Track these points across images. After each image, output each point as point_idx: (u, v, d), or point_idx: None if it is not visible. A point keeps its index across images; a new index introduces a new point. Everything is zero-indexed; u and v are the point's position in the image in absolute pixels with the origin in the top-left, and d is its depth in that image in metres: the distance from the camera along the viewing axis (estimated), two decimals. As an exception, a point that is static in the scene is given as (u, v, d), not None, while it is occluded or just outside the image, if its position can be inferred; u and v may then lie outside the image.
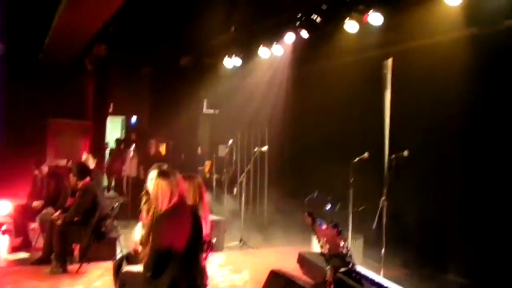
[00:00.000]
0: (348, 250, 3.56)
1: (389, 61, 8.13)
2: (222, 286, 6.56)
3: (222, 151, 12.27)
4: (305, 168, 9.35)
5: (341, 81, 8.38)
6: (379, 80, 8.09)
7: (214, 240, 4.97)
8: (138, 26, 8.80)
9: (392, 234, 6.59)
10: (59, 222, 6.87)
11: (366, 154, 6.78)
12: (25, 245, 7.85)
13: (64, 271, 6.71)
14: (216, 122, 12.43)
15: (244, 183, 9.09)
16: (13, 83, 9.87)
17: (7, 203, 8.75)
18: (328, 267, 3.69)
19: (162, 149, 11.52)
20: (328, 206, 5.57)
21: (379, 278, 3.94)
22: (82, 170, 7.13)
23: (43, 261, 6.94)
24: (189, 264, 4.03)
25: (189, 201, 4.59)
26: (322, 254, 3.88)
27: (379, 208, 6.42)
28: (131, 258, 4.82)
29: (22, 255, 7.57)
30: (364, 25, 7.07)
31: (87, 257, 6.88)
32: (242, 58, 9.68)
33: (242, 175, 8.96)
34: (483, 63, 6.40)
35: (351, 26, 7.08)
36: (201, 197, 4.81)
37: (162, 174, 4.20)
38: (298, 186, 8.71)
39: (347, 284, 3.56)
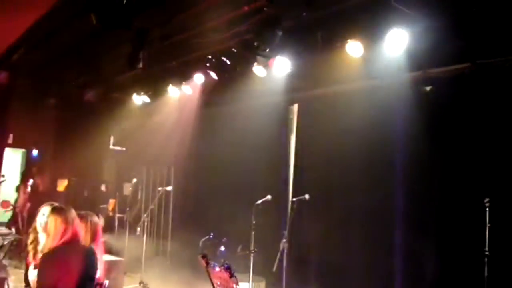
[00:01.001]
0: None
1: (295, 107, 8.43)
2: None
3: (127, 189, 11.97)
4: (209, 209, 9.27)
5: (248, 124, 8.50)
6: (285, 124, 8.35)
7: (106, 283, 4.73)
8: (43, 55, 8.45)
9: (294, 276, 6.67)
10: None
11: (269, 197, 6.84)
12: None
13: None
14: (122, 159, 12.11)
15: (147, 222, 8.85)
16: None
17: None
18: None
19: (62, 185, 11.01)
20: (222, 248, 5.52)
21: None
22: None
23: None
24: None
25: (83, 240, 4.38)
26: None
27: (280, 251, 6.48)
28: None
29: None
30: (272, 70, 7.25)
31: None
32: (151, 96, 9.58)
33: (145, 214, 8.72)
34: (382, 111, 6.78)
35: (259, 70, 7.24)
36: (95, 237, 4.59)
37: (56, 210, 4.01)
38: (202, 227, 8.59)
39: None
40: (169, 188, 8.95)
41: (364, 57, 6.33)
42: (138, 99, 9.82)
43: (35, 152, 12.14)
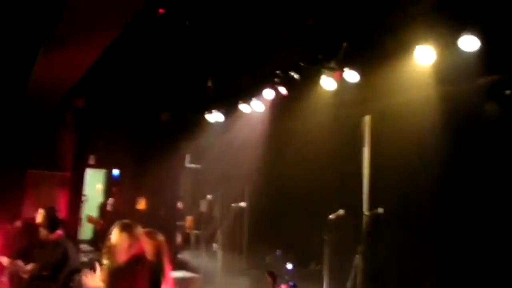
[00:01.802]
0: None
1: (367, 118, 8.23)
2: None
3: (203, 206, 12.18)
4: (282, 224, 9.23)
5: (319, 138, 8.41)
6: (357, 137, 8.17)
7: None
8: (118, 81, 8.86)
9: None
10: (26, 276, 6.67)
11: (341, 211, 6.73)
12: (-8, 300, 7.58)
13: (30, 328, 6.47)
14: (198, 176, 12.35)
15: (221, 239, 8.97)
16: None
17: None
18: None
19: (141, 203, 11.36)
20: (289, 266, 5.43)
21: None
22: (54, 223, 6.98)
23: (7, 317, 6.72)
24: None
25: (149, 257, 4.50)
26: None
27: (353, 267, 6.34)
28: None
29: (-12, 311, 7.30)
30: (341, 82, 7.15)
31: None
32: (224, 113, 9.73)
33: (218, 231, 8.82)
34: (457, 120, 6.49)
35: (327, 83, 7.16)
36: (161, 255, 4.69)
37: (123, 227, 4.16)
38: (276, 242, 8.57)
39: None
40: (243, 204, 9.01)
41: (435, 63, 6.10)
42: (211, 117, 9.99)
43: (115, 172, 12.65)
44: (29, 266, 6.89)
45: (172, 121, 10.51)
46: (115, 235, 4.20)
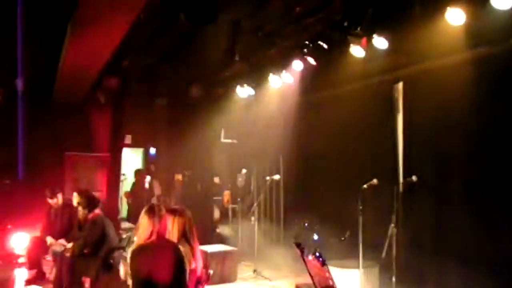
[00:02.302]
0: (333, 282, 3.43)
1: (400, 85, 8.04)
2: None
3: (240, 180, 12.25)
4: (317, 195, 9.20)
5: (351, 107, 8.28)
6: (390, 105, 8.00)
7: (211, 272, 4.87)
8: (149, 58, 8.91)
9: (405, 261, 6.41)
10: (68, 254, 6.91)
11: (375, 181, 6.62)
12: (39, 277, 7.89)
13: (74, 303, 6.73)
14: (234, 151, 12.42)
15: (258, 212, 9.01)
16: (32, 118, 10.11)
17: (25, 236, 8.82)
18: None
19: (178, 180, 11.52)
20: (315, 237, 5.43)
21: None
22: (91, 202, 7.18)
23: (52, 293, 6.99)
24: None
25: (174, 235, 4.56)
26: (314, 286, 3.76)
27: (388, 236, 6.26)
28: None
29: (36, 287, 7.60)
30: (370, 50, 6.98)
31: (97, 288, 6.87)
32: (254, 87, 9.69)
33: (255, 204, 8.86)
34: (492, 83, 6.25)
35: (356, 51, 7.00)
36: (189, 232, 4.73)
37: (147, 211, 4.24)
38: (311, 214, 8.56)
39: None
40: (277, 177, 9.02)
41: (468, 24, 5.85)
42: (242, 91, 9.97)
43: (152, 151, 12.87)
44: (70, 245, 7.15)
45: (203, 96, 10.53)
46: (140, 218, 4.29)
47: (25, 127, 9.97)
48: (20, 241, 8.82)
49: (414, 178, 6.31)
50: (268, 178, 8.95)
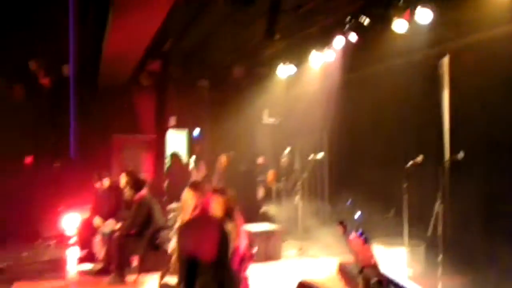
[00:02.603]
0: (376, 261, 3.40)
1: (446, 59, 7.80)
2: (274, 296, 6.49)
3: (284, 159, 12.24)
4: (362, 174, 9.10)
5: (395, 83, 8.12)
6: (435, 80, 7.79)
7: (255, 250, 4.91)
8: (189, 40, 8.96)
9: (451, 240, 6.29)
10: (116, 235, 7.12)
11: (420, 158, 6.48)
12: (89, 257, 8.15)
13: (123, 281, 6.92)
14: (277, 131, 12.41)
15: (302, 191, 9.01)
16: (80, 102, 10.39)
17: (76, 217, 9.13)
18: (360, 278, 3.54)
19: (222, 161, 11.60)
20: (358, 214, 5.36)
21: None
22: (138, 183, 7.34)
23: (103, 272, 7.21)
24: (217, 274, 4.02)
25: (218, 214, 4.62)
26: (356, 264, 3.73)
27: (435, 214, 6.15)
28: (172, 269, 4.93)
29: (86, 266, 7.88)
30: (413, 24, 6.78)
31: (145, 268, 7.06)
32: (296, 66, 9.61)
33: (299, 183, 8.85)
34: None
35: (398, 25, 6.81)
36: (231, 210, 4.78)
37: (190, 186, 4.29)
38: (356, 192, 8.50)
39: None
40: (320, 155, 8.95)
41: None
42: (284, 70, 9.91)
43: (196, 132, 13.00)
44: (118, 226, 7.35)
45: (245, 77, 10.53)
46: (184, 195, 4.35)
47: (75, 111, 10.25)
48: (71, 222, 9.15)
49: (461, 154, 6.13)
50: (311, 156, 8.90)
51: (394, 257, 7.08)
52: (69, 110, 10.20)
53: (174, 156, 11.81)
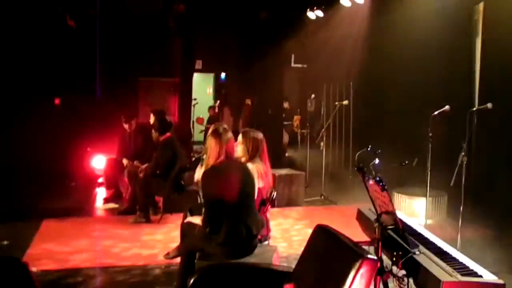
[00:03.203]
0: (393, 208, 3.39)
1: (481, 5, 7.51)
2: (295, 239, 6.59)
3: (311, 105, 12.20)
4: (387, 121, 9.00)
5: (426, 29, 7.87)
6: (467, 27, 7.53)
7: (274, 194, 4.96)
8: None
9: (473, 192, 6.23)
10: (141, 175, 7.27)
11: (447, 107, 6.33)
12: (116, 196, 8.38)
13: (147, 221, 7.13)
14: (304, 76, 12.28)
15: (327, 137, 9.00)
16: (107, 44, 10.40)
17: (102, 158, 9.32)
18: (376, 224, 3.55)
19: (247, 104, 11.61)
20: (376, 161, 5.26)
21: (431, 236, 3.73)
22: (163, 126, 7.42)
23: (128, 211, 7.42)
24: (241, 216, 4.11)
25: (243, 156, 4.66)
26: (375, 210, 3.74)
27: (458, 165, 6.06)
28: (195, 209, 5.04)
29: (112, 205, 8.10)
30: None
31: (169, 208, 7.24)
32: (324, 10, 9.37)
33: (323, 129, 8.81)
34: None
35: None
36: (257, 152, 4.81)
37: (213, 133, 4.31)
38: (382, 139, 8.41)
39: (395, 240, 3.41)
40: (345, 102, 8.85)
41: None
42: (312, 14, 9.70)
43: (222, 75, 12.98)
44: (144, 166, 7.49)
45: (271, 19, 10.32)
46: (208, 140, 4.39)
47: (102, 52, 10.30)
48: (99, 162, 9.37)
49: (489, 105, 5.96)
50: (337, 103, 8.82)
51: (416, 207, 7.11)
52: (95, 52, 10.22)
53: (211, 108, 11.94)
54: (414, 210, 7.22)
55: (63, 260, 5.66)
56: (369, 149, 6.46)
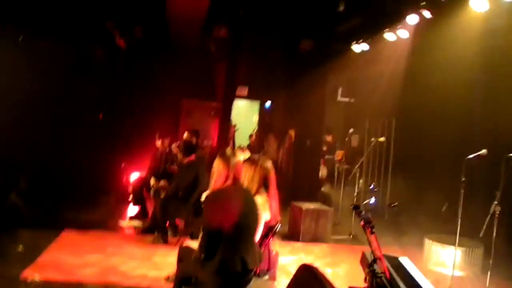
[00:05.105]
0: (380, 252, 3.11)
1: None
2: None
3: (355, 140, 11.85)
4: (422, 162, 8.55)
5: (472, 68, 7.45)
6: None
7: (278, 226, 4.72)
8: (262, 8, 8.69)
9: (504, 244, 5.75)
10: (162, 196, 7.21)
11: (484, 151, 5.91)
12: (142, 214, 8.36)
13: (165, 242, 7.03)
14: (350, 110, 11.99)
15: (365, 175, 8.67)
16: (152, 64, 10.57)
17: (136, 175, 9.37)
18: (367, 270, 3.28)
19: (291, 134, 11.40)
20: (372, 200, 4.93)
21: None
22: (188, 148, 7.37)
23: (149, 230, 7.35)
24: (238, 248, 3.90)
25: (249, 184, 4.45)
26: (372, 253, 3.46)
27: (490, 214, 5.62)
28: (195, 233, 4.90)
29: (136, 223, 8.07)
30: (495, 2, 6.12)
31: (189, 231, 7.10)
32: (369, 43, 9.13)
33: (357, 166, 8.47)
34: None
35: (478, 3, 6.18)
36: (264, 181, 4.59)
37: (220, 155, 4.19)
38: (417, 183, 8.00)
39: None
40: (382, 139, 8.50)
41: None
42: (357, 47, 9.48)
43: (267, 104, 12.88)
44: (164, 185, 7.45)
45: (315, 50, 10.17)
46: (214, 164, 4.27)
47: (147, 72, 10.47)
48: (132, 178, 9.43)
49: (527, 151, 5.52)
50: (373, 139, 8.49)
51: (445, 256, 6.64)
52: (142, 71, 10.40)
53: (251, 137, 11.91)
54: (444, 259, 6.74)
55: (68, 272, 5.64)
56: (372, 187, 6.15)
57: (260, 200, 4.40)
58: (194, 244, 4.42)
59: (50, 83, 9.43)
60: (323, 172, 11.26)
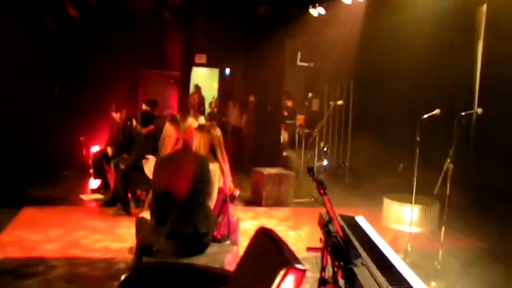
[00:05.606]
0: (333, 213, 3.18)
1: (484, 7, 7.18)
2: (273, 241, 6.38)
3: (315, 104, 11.93)
4: (380, 122, 8.70)
5: (427, 30, 7.56)
6: (471, 29, 7.20)
7: (237, 193, 4.76)
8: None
9: (457, 200, 5.93)
10: (122, 166, 7.15)
11: (437, 111, 6.04)
12: (103, 187, 8.28)
13: (128, 213, 7.00)
14: (309, 74, 12.02)
15: (325, 138, 8.76)
16: (107, 35, 10.29)
17: (96, 148, 9.24)
18: (322, 231, 3.35)
19: (251, 100, 11.40)
20: (324, 162, 5.04)
21: (384, 247, 3.50)
22: (146, 118, 7.28)
23: (111, 203, 7.30)
24: (188, 212, 3.92)
25: (201, 151, 4.45)
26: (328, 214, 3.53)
27: (443, 171, 5.77)
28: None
29: (98, 196, 8.01)
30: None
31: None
32: (326, 7, 9.12)
33: (316, 129, 8.54)
34: None
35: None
36: (215, 150, 4.60)
37: (171, 120, 4.16)
38: (375, 144, 8.13)
39: (339, 249, 3.20)
40: (340, 102, 8.57)
41: None
42: (314, 11, 9.46)
43: (227, 71, 12.82)
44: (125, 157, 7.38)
45: (272, 15, 10.09)
46: (165, 128, 4.23)
47: (102, 42, 10.19)
48: (91, 151, 9.29)
49: (479, 110, 5.66)
50: (331, 103, 8.56)
51: (404, 214, 6.84)
52: (97, 42, 10.12)
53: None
54: (402, 217, 6.94)
55: (30, 249, 5.58)
56: (325, 149, 6.25)
57: (212, 167, 4.39)
58: (148, 215, 4.42)
59: (1, 57, 9.11)
60: (284, 137, 11.34)
